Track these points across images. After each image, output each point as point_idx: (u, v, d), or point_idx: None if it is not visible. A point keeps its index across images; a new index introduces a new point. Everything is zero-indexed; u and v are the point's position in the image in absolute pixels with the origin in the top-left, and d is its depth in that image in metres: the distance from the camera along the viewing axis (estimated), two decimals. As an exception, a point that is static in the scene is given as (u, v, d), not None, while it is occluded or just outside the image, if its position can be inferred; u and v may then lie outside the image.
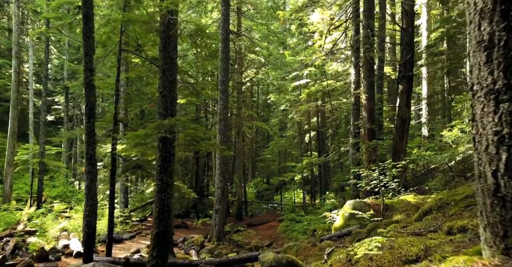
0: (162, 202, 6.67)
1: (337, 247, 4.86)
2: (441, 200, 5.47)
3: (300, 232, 16.18)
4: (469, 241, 3.00)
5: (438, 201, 5.50)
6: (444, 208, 5.25)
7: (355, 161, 12.65)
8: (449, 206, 5.21)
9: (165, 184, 6.74)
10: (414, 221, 5.66)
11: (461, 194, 5.29)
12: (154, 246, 6.49)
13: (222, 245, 13.88)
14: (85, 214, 7.85)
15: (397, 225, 5.16)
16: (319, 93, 21.50)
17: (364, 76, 12.75)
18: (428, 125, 23.01)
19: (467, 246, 2.89)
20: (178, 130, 6.44)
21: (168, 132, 6.55)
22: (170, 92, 6.93)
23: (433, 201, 5.62)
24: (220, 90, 14.33)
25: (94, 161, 8.00)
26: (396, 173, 8.48)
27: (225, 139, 14.29)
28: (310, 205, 21.99)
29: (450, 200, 5.30)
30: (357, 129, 12.97)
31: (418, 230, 4.23)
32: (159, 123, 6.26)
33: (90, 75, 8.02)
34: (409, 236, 3.96)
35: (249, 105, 28.43)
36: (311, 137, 27.75)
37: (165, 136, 6.57)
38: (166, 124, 6.33)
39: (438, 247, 3.06)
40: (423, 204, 7.52)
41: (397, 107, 12.25)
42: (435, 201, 5.55)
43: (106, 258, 8.24)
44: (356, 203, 8.42)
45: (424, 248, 3.12)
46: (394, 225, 5.16)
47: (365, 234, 6.74)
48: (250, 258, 8.03)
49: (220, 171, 14.15)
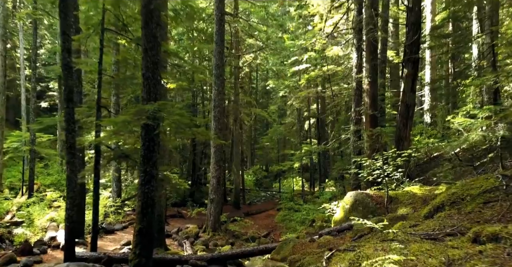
0: (145, 195, 6.08)
1: (337, 250, 4.28)
2: (454, 194, 4.87)
3: (298, 222, 15.71)
4: (508, 256, 2.39)
5: (451, 196, 4.90)
6: (458, 204, 4.66)
7: (356, 149, 12.04)
8: (465, 202, 4.61)
9: (149, 176, 6.14)
10: (423, 217, 5.08)
11: (477, 187, 4.69)
12: (137, 243, 5.93)
13: (217, 235, 13.42)
14: (66, 207, 7.28)
15: (406, 223, 4.57)
16: (319, 78, 20.78)
17: (367, 59, 12.01)
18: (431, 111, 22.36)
19: (506, 263, 2.30)
20: (162, 116, 5.80)
21: (150, 119, 5.91)
22: (154, 74, 6.26)
23: (445, 195, 5.02)
24: (214, 75, 13.62)
25: (74, 150, 7.38)
26: (400, 162, 7.88)
27: (220, 126, 13.66)
28: (309, 193, 21.51)
29: (465, 194, 4.70)
30: (359, 116, 12.31)
31: (432, 231, 3.65)
32: (139, 109, 5.62)
33: (67, 56, 7.33)
34: (423, 240, 3.38)
35: (247, 92, 27.71)
36: (310, 124, 27.12)
37: (147, 123, 5.94)
38: (147, 110, 5.69)
39: (465, 261, 2.47)
40: (430, 196, 6.95)
41: (401, 93, 11.57)
42: (448, 195, 4.95)
43: (90, 253, 7.70)
44: (357, 195, 7.85)
45: (447, 261, 2.53)
46: (401, 223, 4.58)
47: (368, 230, 6.17)
48: (244, 253, 7.50)
49: (215, 159, 13.57)
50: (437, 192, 7.08)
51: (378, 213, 7.36)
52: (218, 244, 12.59)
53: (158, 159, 10.63)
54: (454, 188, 5.16)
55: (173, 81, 9.71)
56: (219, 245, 12.56)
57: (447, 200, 4.89)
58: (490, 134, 6.77)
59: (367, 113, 11.63)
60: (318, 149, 15.39)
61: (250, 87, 30.56)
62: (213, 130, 13.63)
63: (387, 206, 6.95)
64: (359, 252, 3.47)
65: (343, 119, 20.22)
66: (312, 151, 16.65)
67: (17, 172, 24.59)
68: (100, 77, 8.34)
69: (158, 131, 6.23)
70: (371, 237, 5.79)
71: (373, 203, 7.59)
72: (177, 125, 6.20)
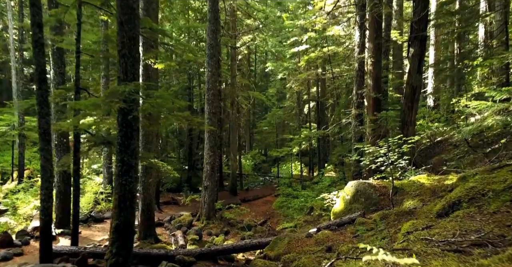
0: (123, 187, 5.43)
1: (338, 259, 3.65)
2: (473, 189, 4.22)
3: (296, 209, 15.20)
4: None
5: (469, 190, 4.25)
6: (478, 201, 4.01)
7: (358, 134, 11.35)
8: (486, 198, 3.96)
9: (127, 166, 5.47)
10: (436, 215, 4.44)
11: (501, 181, 4.03)
12: (113, 241, 5.32)
13: (211, 224, 12.89)
14: (40, 198, 6.65)
15: (417, 222, 3.94)
16: (319, 60, 19.90)
17: (370, 37, 11.18)
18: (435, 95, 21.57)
19: None
20: (139, 99, 5.08)
21: (126, 102, 5.21)
22: (131, 51, 5.50)
23: (462, 190, 4.36)
24: (208, 55, 12.80)
25: (48, 137, 6.70)
26: (406, 149, 7.20)
27: (214, 110, 12.94)
28: (308, 179, 20.96)
29: (487, 189, 4.05)
30: (361, 98, 11.56)
31: (453, 238, 3.01)
32: (112, 91, 4.91)
33: (38, 31, 6.55)
34: (444, 252, 2.73)
35: (246, 75, 26.83)
36: (310, 108, 26.34)
37: (124, 107, 5.23)
38: (122, 92, 4.97)
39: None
40: (440, 187, 6.31)
41: (407, 74, 10.81)
42: (465, 190, 4.30)
43: (69, 248, 7.13)
44: (359, 185, 7.21)
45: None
46: (412, 223, 3.95)
47: (371, 225, 5.56)
48: (236, 248, 6.93)
49: (209, 145, 12.91)
50: (447, 182, 6.44)
51: (382, 205, 6.75)
52: (212, 233, 12.08)
53: (146, 145, 10.00)
54: (472, 181, 4.50)
55: (160, 61, 8.91)
56: (213, 234, 12.05)
57: (464, 196, 4.24)
58: (509, 118, 6.08)
59: (370, 96, 10.89)
60: (318, 134, 14.70)
61: (248, 69, 29.62)
62: (207, 115, 12.93)
63: (392, 197, 6.32)
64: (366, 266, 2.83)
65: (343, 102, 19.45)
66: (312, 136, 15.95)
67: (10, 156, 24.00)
68: (78, 56, 7.57)
69: (137, 116, 5.54)
70: (375, 234, 5.18)
71: (376, 194, 6.97)
72: (157, 109, 5.50)
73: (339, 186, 15.67)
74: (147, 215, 10.04)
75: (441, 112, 21.00)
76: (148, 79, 9.90)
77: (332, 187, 15.30)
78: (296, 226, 11.94)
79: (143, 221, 9.99)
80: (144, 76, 9.85)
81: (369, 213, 6.67)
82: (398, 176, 7.84)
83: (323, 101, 22.30)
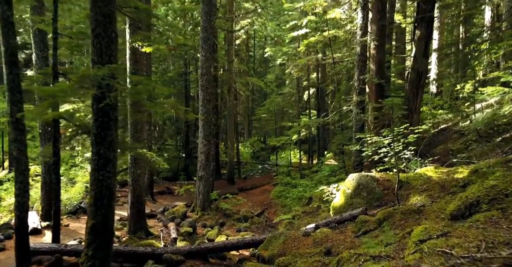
0: (100, 183, 4.89)
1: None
2: (494, 188, 3.68)
3: (294, 199, 14.74)
4: None
5: (489, 190, 3.71)
6: (501, 202, 3.47)
7: (359, 122, 10.76)
8: (509, 199, 3.41)
9: (104, 159, 4.91)
10: (450, 216, 3.90)
11: (527, 180, 3.47)
12: (89, 243, 4.80)
13: (206, 215, 12.44)
14: (15, 193, 6.13)
15: (429, 227, 3.40)
16: (319, 44, 19.14)
17: (374, 19, 10.48)
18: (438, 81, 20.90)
19: None
20: (116, 85, 4.49)
21: (100, 88, 4.61)
22: (106, 30, 4.86)
23: (481, 189, 3.82)
24: (201, 39, 12.10)
25: (22, 126, 6.14)
26: (412, 139, 6.63)
27: (209, 96, 12.31)
28: (307, 167, 20.46)
29: (511, 189, 3.49)
30: (363, 85, 10.92)
31: (479, 253, 2.47)
32: (83, 75, 4.31)
33: (7, 9, 5.91)
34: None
35: (244, 60, 26.06)
36: (310, 94, 25.66)
37: (98, 94, 4.65)
38: (94, 77, 4.37)
39: None
40: (449, 181, 5.77)
41: (412, 58, 10.18)
42: (485, 189, 3.75)
43: (49, 245, 6.64)
44: (361, 178, 6.68)
45: None
46: (424, 227, 3.41)
47: (375, 225, 5.04)
48: (227, 247, 6.44)
49: (203, 134, 12.33)
50: (457, 175, 5.90)
51: (385, 201, 6.23)
52: (207, 225, 11.64)
53: (134, 134, 9.43)
54: (492, 178, 3.95)
55: (148, 45, 8.26)
56: (208, 226, 11.60)
57: (483, 195, 3.69)
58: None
59: (373, 81, 10.26)
60: (317, 122, 14.11)
61: (247, 55, 28.81)
62: (200, 102, 12.32)
63: (397, 192, 5.78)
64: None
65: (344, 89, 18.81)
66: (311, 124, 15.37)
67: (0, 144, 23.47)
68: (56, 37, 6.92)
69: (115, 104, 4.95)
70: (380, 235, 4.66)
71: (379, 188, 6.44)
72: (137, 97, 4.91)
73: (339, 175, 15.16)
74: (137, 207, 9.56)
75: (445, 99, 20.38)
76: (136, 64, 9.26)
77: (332, 177, 14.82)
78: (294, 217, 11.49)
79: (133, 214, 9.51)
80: (132, 60, 9.22)
81: (371, 209, 6.15)
82: (403, 168, 7.30)
83: (323, 87, 21.62)
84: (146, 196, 14.49)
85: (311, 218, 10.72)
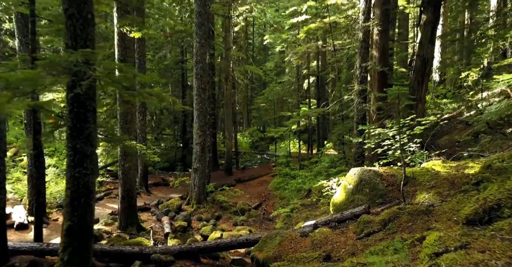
0: (76, 181, 4.44)
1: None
2: (518, 189, 3.21)
3: (293, 191, 14.34)
4: None
5: None
6: (527, 207, 3.00)
7: (361, 112, 10.25)
8: (538, 204, 2.95)
9: (81, 155, 4.46)
10: (466, 221, 3.45)
11: (558, 181, 3.01)
12: (65, 246, 4.38)
13: (202, 208, 12.06)
14: (-9, 190, 5.69)
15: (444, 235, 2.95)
16: (319, 31, 18.49)
17: (377, 3, 9.88)
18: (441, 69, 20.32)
19: None
20: (89, 72, 3.99)
21: (75, 76, 4.12)
22: (81, 11, 4.34)
23: (503, 190, 3.37)
24: (196, 24, 11.52)
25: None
26: (419, 131, 6.16)
27: (204, 85, 11.78)
28: (307, 157, 20.03)
29: (538, 191, 3.04)
30: (365, 73, 10.38)
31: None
32: (52, 61, 3.81)
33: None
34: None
35: (243, 48, 25.38)
36: (310, 83, 25.09)
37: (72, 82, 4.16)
38: (65, 63, 3.86)
39: None
40: (460, 177, 5.32)
41: (418, 44, 9.61)
42: (507, 191, 3.30)
43: (30, 244, 6.22)
44: (363, 173, 6.22)
45: None
46: (438, 236, 2.97)
47: (379, 226, 4.61)
48: (220, 246, 6.03)
49: (198, 124, 11.84)
50: (467, 171, 5.45)
51: (390, 198, 5.79)
52: (203, 218, 11.27)
53: (124, 125, 8.95)
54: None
55: (136, 30, 7.72)
56: (204, 219, 11.23)
57: (506, 198, 3.24)
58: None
59: (376, 69, 9.72)
60: (317, 112, 13.60)
61: (246, 42, 28.06)
62: (195, 90, 11.80)
63: (403, 189, 5.33)
64: None
65: (345, 77, 18.24)
66: (311, 114, 14.87)
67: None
68: (33, 21, 6.37)
69: (92, 94, 4.46)
70: (384, 239, 4.23)
71: (383, 183, 5.99)
72: (115, 86, 4.41)
73: (339, 167, 14.73)
74: (128, 202, 9.14)
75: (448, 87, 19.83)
76: (125, 51, 8.72)
77: (332, 168, 14.39)
78: (293, 210, 11.11)
79: (124, 209, 9.10)
80: (120, 47, 8.67)
81: (374, 206, 5.72)
82: (407, 162, 6.84)
83: (323, 76, 21.04)
84: (141, 188, 14.11)
85: (310, 212, 10.32)
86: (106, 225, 9.32)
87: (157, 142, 26.10)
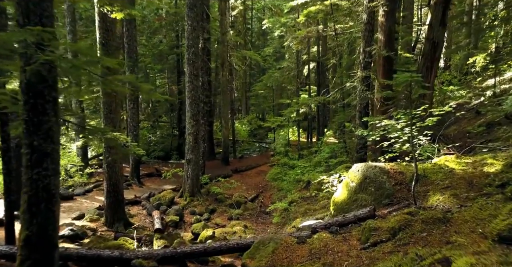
0: (34, 184, 3.80)
1: None
2: None
3: (291, 182, 13.77)
4: None
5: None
6: None
7: (364, 100, 9.55)
8: None
9: (39, 153, 3.80)
10: (498, 237, 2.82)
11: None
12: (24, 259, 3.76)
13: (196, 201, 11.49)
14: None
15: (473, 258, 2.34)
16: (320, 14, 17.59)
17: (383, -19, 9.07)
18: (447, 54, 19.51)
19: None
20: (40, 55, 3.30)
21: (25, 59, 3.43)
22: (34, -19, 3.62)
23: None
24: (187, 6, 10.72)
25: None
26: (431, 123, 5.49)
27: (196, 71, 11.03)
28: (306, 146, 19.39)
29: None
30: (369, 58, 9.63)
31: None
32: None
33: None
34: None
35: (242, 33, 24.46)
36: (310, 69, 24.25)
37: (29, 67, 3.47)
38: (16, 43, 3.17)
39: None
40: (479, 176, 4.69)
41: (427, 26, 8.85)
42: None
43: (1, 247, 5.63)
44: (368, 170, 5.58)
45: None
46: (469, 263, 2.36)
47: (387, 235, 3.98)
48: (208, 251, 5.44)
49: (191, 113, 11.16)
50: (487, 169, 4.81)
51: (397, 199, 5.16)
52: (196, 212, 10.72)
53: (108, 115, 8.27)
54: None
55: (118, 10, 6.96)
56: (197, 213, 10.68)
57: (551, 213, 2.60)
58: None
59: (381, 54, 8.98)
60: (317, 100, 12.89)
61: (244, 27, 27.09)
62: (187, 77, 11.08)
63: (414, 190, 4.70)
64: None
65: (346, 63, 17.44)
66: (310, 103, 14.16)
67: None
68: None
69: (54, 82, 3.78)
70: (394, 250, 3.61)
71: (390, 182, 5.36)
72: (74, 72, 3.73)
73: (339, 157, 14.10)
74: (115, 196, 8.54)
75: (454, 73, 19.07)
76: (107, 33, 7.97)
77: (332, 159, 13.77)
78: (291, 204, 10.54)
79: (110, 204, 8.52)
80: (102, 29, 7.92)
81: (380, 207, 5.10)
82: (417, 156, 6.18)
83: (324, 61, 20.21)
84: (132, 179, 13.54)
85: (309, 205, 9.74)
86: (91, 221, 8.75)
87: (153, 129, 25.46)
